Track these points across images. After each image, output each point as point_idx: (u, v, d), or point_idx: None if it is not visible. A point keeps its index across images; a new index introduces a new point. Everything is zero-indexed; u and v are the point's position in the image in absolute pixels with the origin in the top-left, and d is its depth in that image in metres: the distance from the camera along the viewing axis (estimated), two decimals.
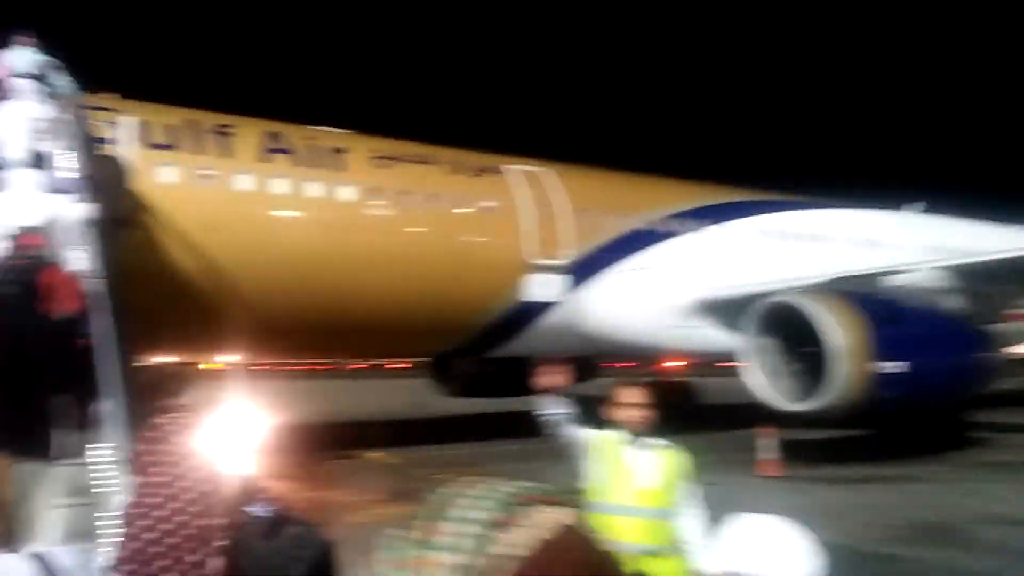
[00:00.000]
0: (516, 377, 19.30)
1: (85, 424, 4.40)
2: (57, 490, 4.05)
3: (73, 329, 4.51)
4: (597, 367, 20.10)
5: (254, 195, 12.33)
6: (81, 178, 5.72)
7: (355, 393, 39.00)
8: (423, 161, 14.41)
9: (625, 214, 16.46)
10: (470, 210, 14.38)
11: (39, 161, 5.56)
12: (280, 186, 12.55)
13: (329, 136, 13.76)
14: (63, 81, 6.65)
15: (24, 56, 6.34)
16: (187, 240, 11.09)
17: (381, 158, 13.87)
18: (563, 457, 4.47)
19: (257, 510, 2.29)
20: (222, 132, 12.43)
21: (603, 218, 16.02)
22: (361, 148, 13.84)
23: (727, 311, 15.69)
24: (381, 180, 13.55)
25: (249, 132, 12.76)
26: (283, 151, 12.77)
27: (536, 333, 15.32)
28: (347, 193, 13.16)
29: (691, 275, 16.46)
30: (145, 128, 11.46)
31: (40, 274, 4.62)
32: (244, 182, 12.27)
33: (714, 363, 18.89)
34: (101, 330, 4.78)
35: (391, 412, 26.74)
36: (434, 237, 13.80)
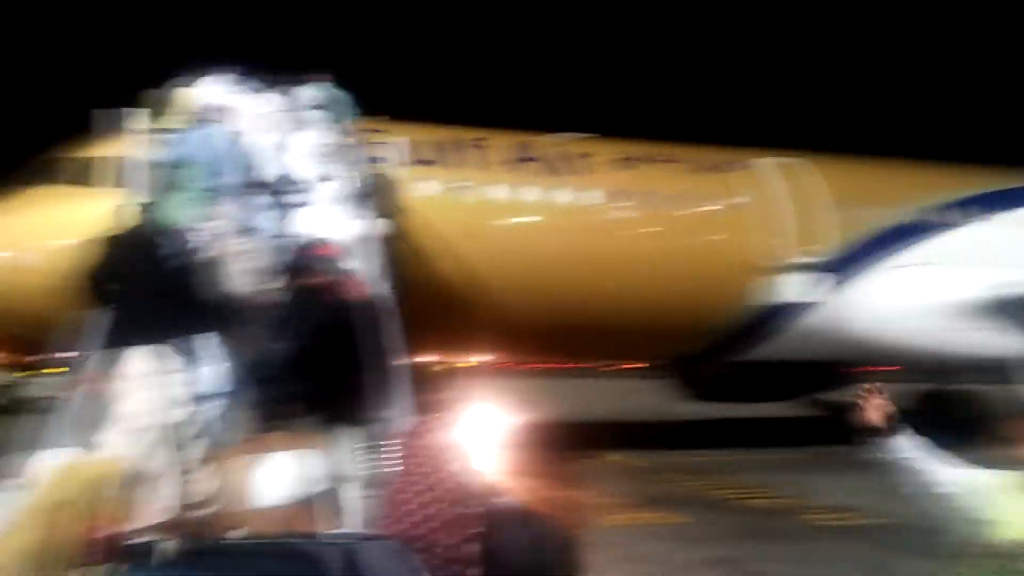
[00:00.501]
0: (764, 382, 18.47)
1: (359, 413, 4.82)
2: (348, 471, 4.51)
3: (358, 324, 4.91)
4: (840, 374, 18.64)
5: (506, 203, 13.03)
6: (363, 194, 6.63)
7: (592, 393, 39.36)
8: (666, 160, 14.29)
9: (892, 205, 15.02)
10: (717, 207, 14.00)
11: (329, 180, 6.48)
12: (529, 193, 13.14)
13: (573, 142, 14.12)
14: (346, 109, 7.62)
15: (315, 90, 7.31)
16: (446, 247, 11.98)
17: (624, 160, 13.97)
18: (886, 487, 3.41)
19: (505, 503, 2.41)
20: (477, 145, 13.28)
21: (867, 210, 14.75)
22: (604, 152, 14.05)
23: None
24: (624, 182, 13.66)
25: (501, 144, 13.50)
26: (532, 159, 13.36)
27: (789, 336, 14.49)
28: (591, 197, 13.43)
29: (978, 270, 14.57)
30: (411, 147, 12.59)
31: (332, 276, 5.20)
32: (497, 191, 13.01)
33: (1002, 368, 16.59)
34: (387, 328, 5.31)
35: (631, 414, 26.61)
36: (679, 237, 13.62)
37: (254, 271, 5.39)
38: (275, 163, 6.74)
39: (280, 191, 6.17)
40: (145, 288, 4.52)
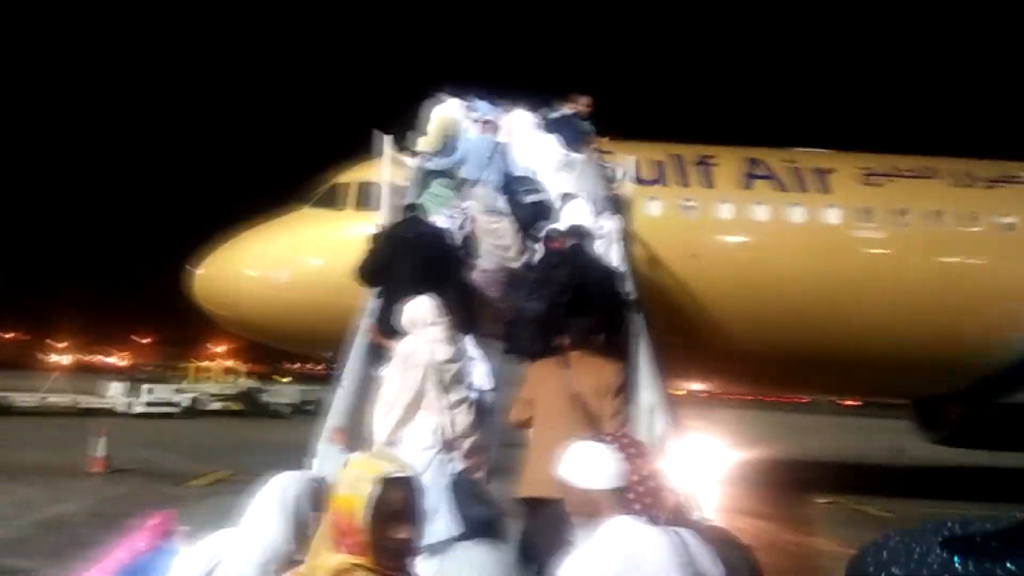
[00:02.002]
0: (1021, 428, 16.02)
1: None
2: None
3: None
4: None
5: (735, 223, 12.31)
6: (605, 201, 7.20)
7: (818, 430, 36.76)
8: (919, 175, 12.82)
9: None
10: (982, 228, 12.32)
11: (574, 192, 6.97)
12: (761, 213, 12.32)
13: (811, 157, 13.10)
14: (586, 127, 7.96)
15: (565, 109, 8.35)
16: (669, 269, 11.48)
17: (871, 175, 12.71)
18: None
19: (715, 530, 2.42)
20: (703, 163, 12.69)
21: None
22: (847, 166, 12.88)
23: None
24: (872, 200, 12.41)
25: (729, 160, 12.81)
26: (764, 177, 12.53)
27: None
28: (834, 216, 12.33)
29: None
30: (636, 165, 12.26)
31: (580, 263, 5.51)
32: (725, 211, 12.33)
33: None
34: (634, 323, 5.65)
35: (865, 455, 24.47)
36: (937, 261, 12.13)
37: (505, 247, 5.85)
38: (528, 170, 7.27)
39: (531, 191, 6.57)
40: (414, 272, 4.95)
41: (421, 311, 4.43)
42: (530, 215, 6.20)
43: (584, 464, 2.26)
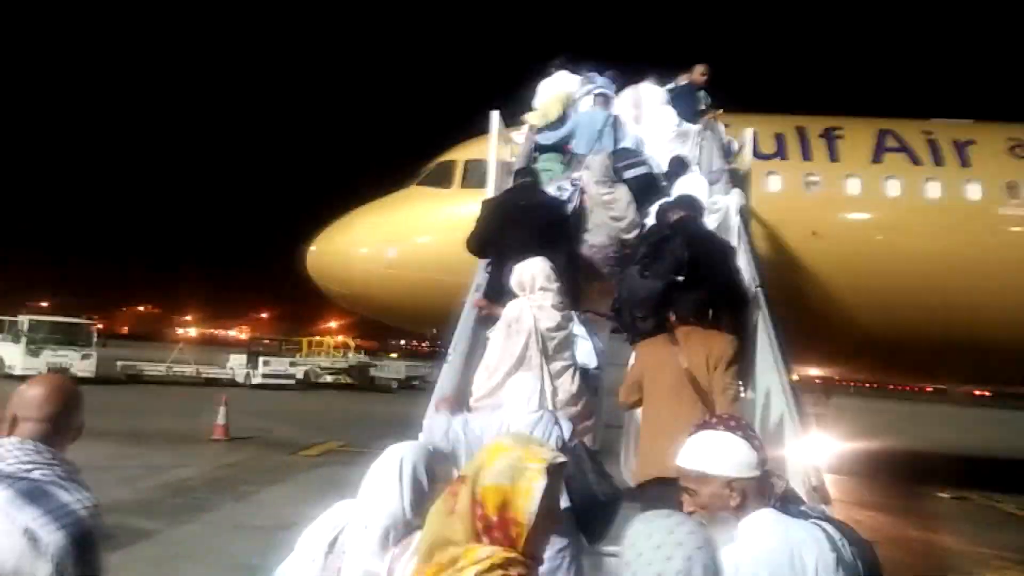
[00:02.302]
0: None
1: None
2: None
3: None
4: None
5: (861, 199, 11.50)
6: (721, 174, 6.90)
7: (943, 420, 34.61)
8: None
9: None
10: None
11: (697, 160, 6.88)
12: (892, 188, 11.46)
13: (951, 128, 12.07)
14: (702, 97, 7.57)
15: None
16: (789, 248, 10.85)
17: (1015, 147, 11.59)
18: None
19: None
20: (828, 135, 11.90)
21: None
22: (992, 138, 11.79)
23: None
24: (1018, 174, 11.31)
25: (857, 132, 11.97)
26: (897, 150, 11.63)
27: None
28: (973, 192, 11.33)
29: None
30: (755, 138, 11.63)
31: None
32: (851, 186, 11.54)
33: None
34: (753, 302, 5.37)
35: (995, 448, 22.92)
36: None
37: (618, 218, 5.61)
38: (639, 140, 7.04)
39: (639, 163, 6.24)
40: (525, 241, 4.77)
41: (531, 272, 4.35)
42: (640, 188, 5.93)
43: (722, 450, 2.05)
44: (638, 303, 4.69)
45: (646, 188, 5.84)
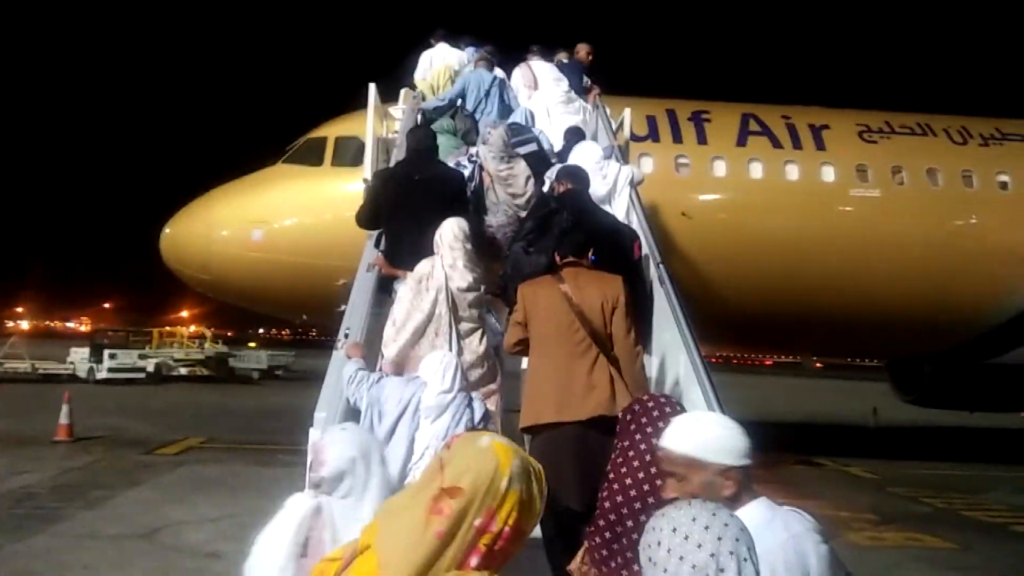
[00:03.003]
0: (1004, 389, 16.11)
1: None
2: None
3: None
4: None
5: (730, 181, 11.92)
6: (611, 149, 6.74)
7: (787, 391, 37.22)
8: (919, 133, 12.52)
9: None
10: (979, 187, 12.08)
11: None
12: (757, 170, 11.94)
13: (807, 113, 12.72)
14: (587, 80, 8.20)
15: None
16: (659, 226, 11.08)
17: (867, 132, 12.38)
18: None
19: None
20: (697, 119, 12.24)
21: None
22: (844, 123, 12.53)
23: None
24: (868, 157, 12.09)
25: (724, 116, 12.39)
26: (759, 133, 12.13)
27: None
28: (828, 174, 12.00)
29: None
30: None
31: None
32: (720, 168, 11.93)
33: None
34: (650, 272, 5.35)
35: (845, 416, 24.70)
36: (935, 219, 11.88)
37: (516, 195, 5.47)
38: (526, 113, 6.86)
39: (529, 139, 6.08)
40: (427, 214, 4.54)
41: (447, 230, 4.25)
42: (532, 162, 5.77)
43: (717, 436, 1.90)
44: (524, 280, 4.52)
45: (536, 164, 5.68)
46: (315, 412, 3.63)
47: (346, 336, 4.19)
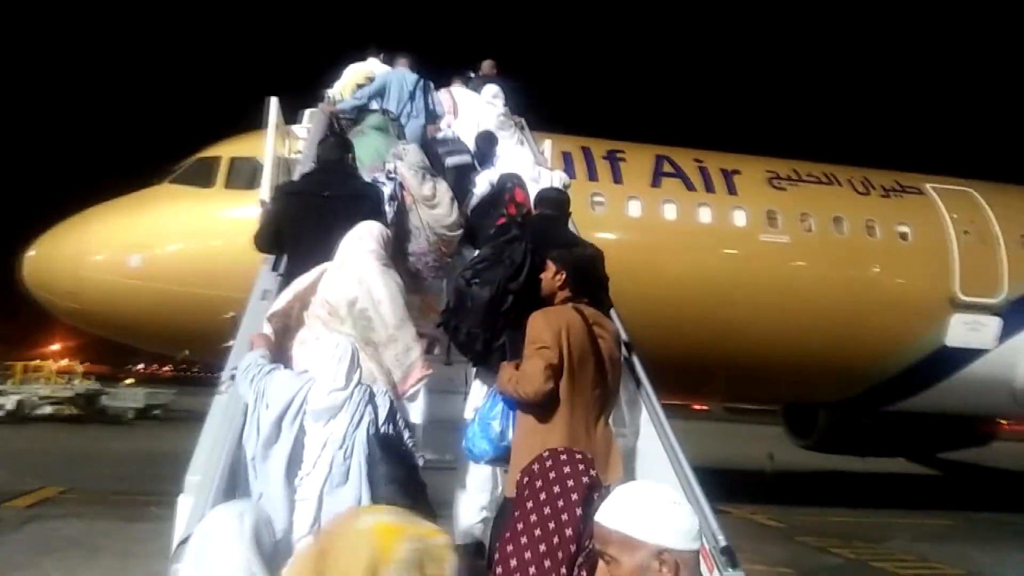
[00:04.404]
0: (897, 435, 16.62)
1: None
2: None
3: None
4: (978, 430, 16.85)
5: (645, 221, 11.76)
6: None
7: (692, 434, 37.58)
8: (823, 182, 12.78)
9: None
10: (881, 237, 12.39)
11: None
12: (671, 211, 11.84)
13: (719, 158, 12.79)
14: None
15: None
16: None
17: (775, 179, 12.54)
18: None
19: None
20: (612, 158, 12.08)
21: None
22: (754, 169, 12.66)
23: None
24: (778, 203, 12.21)
25: (639, 157, 12.28)
26: (673, 175, 12.06)
27: (950, 388, 12.76)
28: (738, 219, 12.03)
29: None
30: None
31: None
32: (635, 208, 11.76)
33: None
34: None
35: (745, 462, 24.94)
36: (838, 268, 12.07)
37: (442, 216, 4.97)
38: (449, 130, 6.68)
39: (454, 152, 5.76)
40: (331, 237, 3.98)
41: (365, 231, 3.81)
42: (457, 178, 5.26)
43: (656, 511, 1.71)
44: (465, 316, 3.97)
45: (462, 179, 5.17)
46: (187, 474, 2.89)
47: (232, 378, 3.46)
